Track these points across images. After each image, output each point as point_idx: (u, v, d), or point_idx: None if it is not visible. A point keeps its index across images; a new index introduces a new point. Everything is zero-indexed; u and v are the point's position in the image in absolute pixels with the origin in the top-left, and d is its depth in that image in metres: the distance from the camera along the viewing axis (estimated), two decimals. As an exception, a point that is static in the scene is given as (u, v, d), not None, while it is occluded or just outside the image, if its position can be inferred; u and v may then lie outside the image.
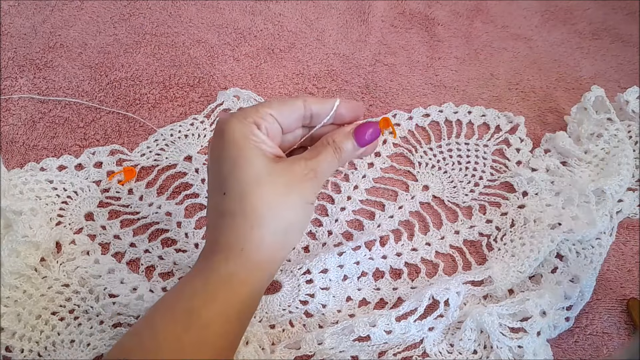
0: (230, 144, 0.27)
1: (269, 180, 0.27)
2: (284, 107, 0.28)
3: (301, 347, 0.33)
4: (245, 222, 0.26)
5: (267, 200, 0.26)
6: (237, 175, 0.27)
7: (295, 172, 0.27)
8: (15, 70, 0.50)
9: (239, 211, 0.26)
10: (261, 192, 0.26)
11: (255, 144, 0.27)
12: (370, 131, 0.30)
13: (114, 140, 0.45)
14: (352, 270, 0.37)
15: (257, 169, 0.27)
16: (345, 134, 0.29)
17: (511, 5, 0.59)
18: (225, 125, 0.27)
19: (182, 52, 0.52)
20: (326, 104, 0.30)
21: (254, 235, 0.26)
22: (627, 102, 0.45)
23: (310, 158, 0.28)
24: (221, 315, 0.25)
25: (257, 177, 0.26)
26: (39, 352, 0.34)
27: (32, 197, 0.39)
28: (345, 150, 0.29)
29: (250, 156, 0.27)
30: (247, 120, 0.27)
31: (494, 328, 0.34)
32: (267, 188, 0.26)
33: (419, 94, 0.50)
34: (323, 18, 0.56)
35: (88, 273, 0.36)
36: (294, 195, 0.27)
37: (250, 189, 0.26)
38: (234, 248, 0.26)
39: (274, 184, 0.27)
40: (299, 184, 0.27)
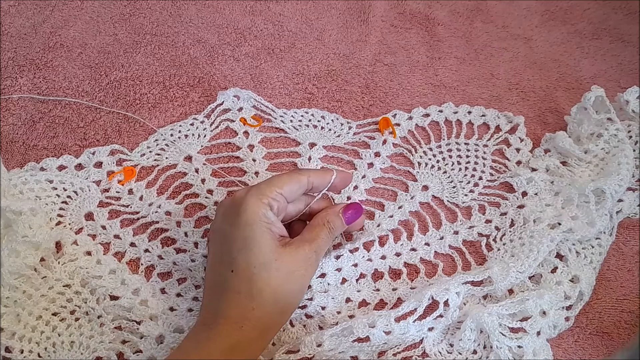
0: (244, 224, 0.30)
1: (275, 266, 0.30)
2: (292, 185, 0.32)
3: (300, 350, 0.33)
4: (250, 302, 0.29)
5: (272, 285, 0.29)
6: (246, 257, 0.30)
7: (299, 259, 0.31)
8: (15, 70, 0.50)
9: (245, 291, 0.29)
10: (268, 277, 0.29)
11: (266, 226, 0.30)
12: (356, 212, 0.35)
13: (114, 140, 0.45)
14: (350, 272, 0.37)
15: (265, 254, 0.30)
16: (336, 216, 0.34)
17: (511, 5, 0.59)
18: (242, 202, 0.31)
19: (182, 52, 0.52)
20: (326, 178, 0.34)
21: (254, 316, 0.29)
22: (627, 102, 0.45)
23: (311, 241, 0.32)
24: None
25: (265, 262, 0.29)
26: (38, 353, 0.34)
27: (32, 197, 0.39)
28: (336, 227, 0.34)
29: (261, 239, 0.30)
30: (262, 201, 0.31)
31: (493, 328, 0.34)
32: (274, 273, 0.29)
33: (418, 94, 0.50)
34: (323, 18, 0.56)
35: (89, 274, 0.36)
36: (296, 279, 0.31)
37: (258, 273, 0.29)
38: (236, 325, 0.29)
39: (280, 271, 0.30)
40: (304, 270, 0.31)
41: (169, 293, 0.37)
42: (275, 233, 0.31)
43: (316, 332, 0.34)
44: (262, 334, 0.30)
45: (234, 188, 0.42)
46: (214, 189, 0.42)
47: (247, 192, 0.31)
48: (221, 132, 0.46)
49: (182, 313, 0.36)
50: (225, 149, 0.45)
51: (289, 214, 0.35)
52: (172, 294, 0.37)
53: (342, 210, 0.35)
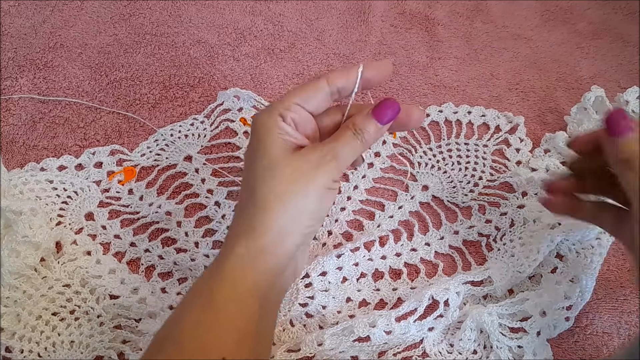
0: (253, 137, 0.29)
1: (279, 170, 0.28)
2: (307, 92, 0.29)
3: (301, 349, 0.33)
4: (255, 210, 0.28)
5: (276, 190, 0.27)
6: (253, 167, 0.28)
7: (309, 159, 0.28)
8: (16, 71, 0.50)
9: (250, 201, 0.28)
10: (271, 182, 0.28)
11: (279, 135, 0.28)
12: (389, 107, 0.30)
13: (114, 141, 0.45)
14: (351, 272, 0.37)
15: (271, 160, 0.28)
16: (364, 116, 0.29)
17: (511, 5, 0.59)
18: (254, 121, 0.29)
19: (182, 52, 0.52)
20: (350, 75, 0.29)
21: (259, 221, 0.27)
22: (627, 102, 0.45)
23: (328, 142, 0.29)
24: (233, 295, 0.27)
25: (269, 168, 0.28)
26: (38, 353, 0.34)
27: (32, 197, 0.39)
28: (368, 131, 0.29)
29: (268, 148, 0.28)
30: (272, 113, 0.28)
31: (493, 328, 0.34)
32: (277, 178, 0.27)
33: (418, 94, 0.50)
34: (323, 18, 0.56)
35: (89, 273, 0.36)
36: (304, 182, 0.28)
37: (262, 180, 0.28)
38: (242, 234, 0.28)
39: (284, 173, 0.27)
40: (312, 170, 0.28)
41: (169, 292, 0.37)
42: (289, 142, 0.28)
43: (317, 332, 0.34)
44: (277, 239, 0.28)
45: (234, 188, 0.42)
46: (214, 189, 0.42)
47: (260, 110, 0.30)
48: (221, 132, 0.46)
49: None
50: (225, 149, 0.45)
51: (326, 127, 0.31)
52: (172, 293, 0.37)
53: (371, 110, 0.30)
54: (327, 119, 0.31)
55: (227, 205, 0.41)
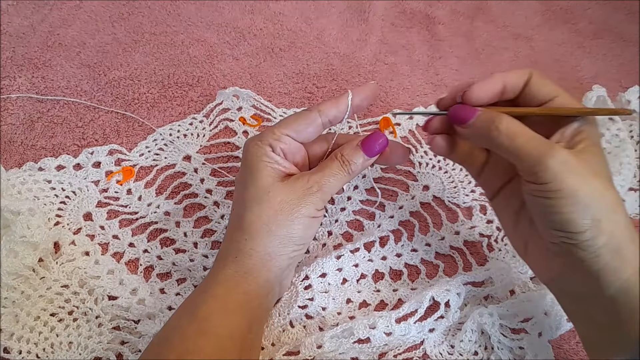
0: (244, 166, 0.31)
1: (267, 198, 0.30)
2: (299, 124, 0.31)
3: (300, 352, 0.32)
4: (242, 235, 0.30)
5: (262, 217, 0.30)
6: (242, 194, 0.30)
7: (295, 189, 0.30)
8: (14, 70, 0.49)
9: (237, 225, 0.30)
10: (259, 209, 0.30)
11: (268, 164, 0.30)
12: (377, 141, 0.31)
13: (112, 140, 0.45)
14: (350, 273, 0.37)
15: (258, 189, 0.30)
16: (353, 148, 0.31)
17: (512, 5, 0.58)
18: (244, 149, 0.31)
19: (181, 51, 0.52)
20: (340, 105, 0.31)
21: (246, 245, 0.30)
22: (628, 102, 0.45)
23: (314, 172, 0.31)
24: (220, 309, 0.28)
25: (257, 196, 0.30)
26: (37, 354, 0.34)
27: (30, 197, 0.39)
28: (355, 162, 0.31)
29: (256, 176, 0.30)
30: (262, 143, 0.30)
31: (494, 329, 0.34)
32: (265, 205, 0.30)
33: (419, 94, 0.49)
34: (323, 17, 0.56)
35: (87, 274, 0.36)
36: (289, 211, 0.30)
37: (250, 206, 0.30)
38: (230, 256, 0.30)
39: (271, 202, 0.30)
40: (297, 199, 0.30)
41: (168, 293, 0.37)
42: (278, 170, 0.30)
43: (316, 334, 0.33)
44: (260, 263, 0.30)
45: (234, 188, 0.42)
46: (213, 189, 0.42)
47: (250, 138, 0.31)
48: (220, 131, 0.45)
49: (181, 313, 0.36)
50: (224, 149, 0.44)
51: (315, 155, 0.33)
52: (171, 294, 0.37)
53: (360, 141, 0.31)
54: (317, 147, 0.33)
55: (226, 206, 0.41)
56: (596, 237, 0.26)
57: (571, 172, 0.26)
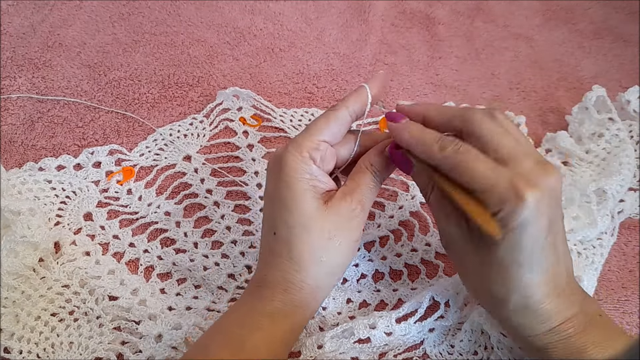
0: (283, 184, 0.28)
1: (315, 226, 0.28)
2: (331, 126, 0.29)
3: (302, 353, 0.32)
4: (291, 265, 0.28)
5: (312, 246, 0.28)
6: (286, 218, 0.28)
7: (341, 213, 0.28)
8: (14, 70, 0.49)
9: (285, 254, 0.28)
10: (308, 238, 0.28)
11: (308, 183, 0.28)
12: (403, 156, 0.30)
13: (112, 140, 0.45)
14: (351, 272, 0.37)
15: (305, 214, 0.28)
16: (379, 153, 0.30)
17: (512, 5, 0.58)
18: (282, 160, 0.28)
19: (181, 52, 0.52)
20: (363, 98, 0.30)
21: (297, 278, 0.28)
22: (628, 102, 0.45)
23: (352, 191, 0.29)
24: (266, 343, 0.27)
25: (304, 223, 0.28)
26: (37, 354, 0.34)
27: (31, 197, 0.39)
28: (381, 168, 0.30)
29: (300, 199, 0.28)
30: (302, 155, 0.28)
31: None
32: (313, 234, 0.28)
33: (419, 94, 0.50)
34: (323, 17, 0.56)
35: (88, 274, 0.36)
36: (339, 238, 0.28)
37: (298, 234, 0.28)
38: (279, 287, 0.28)
39: (320, 230, 0.28)
40: (345, 224, 0.28)
41: (169, 293, 0.37)
42: (319, 188, 0.29)
43: (317, 334, 0.33)
44: (310, 295, 0.29)
45: (234, 188, 0.42)
46: (213, 189, 0.42)
47: (285, 147, 0.29)
48: (220, 131, 0.45)
49: (181, 311, 0.36)
50: (224, 149, 0.44)
51: (342, 158, 0.31)
52: (171, 294, 0.37)
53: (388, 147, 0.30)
54: (343, 150, 0.31)
55: (227, 206, 0.41)
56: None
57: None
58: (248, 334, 0.27)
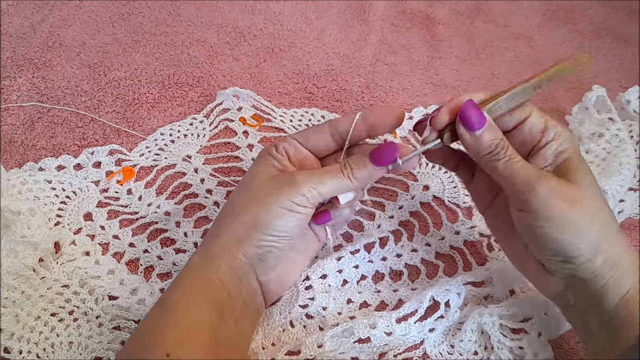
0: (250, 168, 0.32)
1: (249, 187, 0.31)
2: (308, 132, 0.32)
3: (301, 352, 0.32)
4: (216, 222, 0.31)
5: (235, 202, 0.31)
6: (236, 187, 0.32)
7: (277, 179, 0.30)
8: (14, 70, 0.49)
9: (219, 213, 0.32)
10: (238, 197, 0.31)
11: (267, 161, 0.31)
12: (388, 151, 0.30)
13: (112, 140, 0.45)
14: (351, 274, 0.37)
15: (247, 179, 0.31)
16: (360, 155, 0.31)
17: (512, 5, 0.58)
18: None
19: (181, 52, 0.52)
20: (350, 120, 0.31)
21: (215, 231, 0.31)
22: (628, 102, 0.45)
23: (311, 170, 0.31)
24: (184, 297, 0.29)
25: (244, 184, 0.31)
26: (37, 354, 0.34)
27: (31, 197, 0.39)
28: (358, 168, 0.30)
29: (252, 169, 0.31)
30: (270, 145, 0.32)
31: (494, 329, 0.34)
32: (244, 193, 0.31)
33: (419, 94, 0.50)
34: (323, 17, 0.56)
35: (88, 274, 0.36)
36: (260, 197, 0.30)
37: (234, 193, 0.31)
38: (200, 246, 0.31)
39: (251, 189, 0.30)
40: (275, 188, 0.30)
41: (168, 293, 0.37)
42: (275, 166, 0.31)
43: (317, 333, 0.33)
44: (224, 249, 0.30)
45: (234, 188, 0.42)
46: (213, 189, 0.42)
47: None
48: (220, 131, 0.45)
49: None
50: (224, 149, 0.44)
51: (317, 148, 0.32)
52: (171, 295, 0.37)
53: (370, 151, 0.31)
54: (331, 160, 0.33)
55: (227, 206, 0.41)
56: (593, 259, 0.27)
57: (560, 197, 0.26)
58: (169, 291, 0.29)
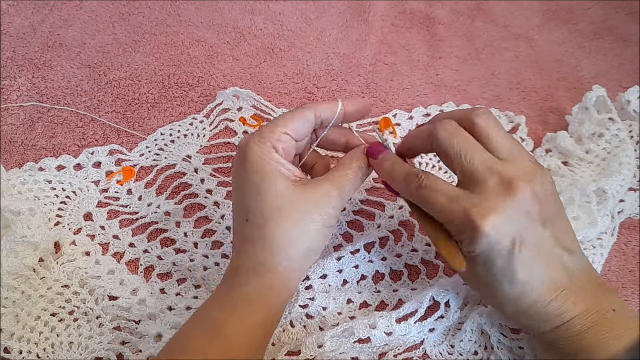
0: (252, 171, 0.29)
1: (289, 208, 0.28)
2: (296, 122, 0.30)
3: (301, 352, 0.32)
4: (264, 249, 0.28)
5: (286, 229, 0.28)
6: (259, 203, 0.28)
7: (316, 196, 0.29)
8: (14, 70, 0.49)
9: (258, 239, 0.28)
10: (281, 220, 0.28)
11: (275, 167, 0.29)
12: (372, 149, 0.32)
13: (112, 140, 0.45)
14: (351, 274, 0.37)
15: (277, 196, 0.28)
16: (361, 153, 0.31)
17: (512, 5, 0.58)
18: (245, 149, 0.29)
19: (181, 52, 0.52)
20: (333, 108, 0.31)
21: (271, 261, 0.28)
22: (628, 102, 0.45)
23: (334, 178, 0.30)
24: (242, 328, 0.27)
25: (278, 206, 0.28)
26: (37, 354, 0.34)
27: (31, 197, 0.39)
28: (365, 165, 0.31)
29: (272, 183, 0.28)
30: (265, 144, 0.29)
31: (494, 329, 0.34)
32: (286, 217, 0.28)
33: (419, 94, 0.50)
34: (323, 17, 0.56)
35: (88, 274, 0.36)
36: (313, 222, 0.28)
37: (271, 218, 0.28)
38: (252, 272, 0.28)
39: (293, 212, 0.28)
40: (320, 209, 0.29)
41: (169, 293, 0.37)
42: (286, 174, 0.29)
43: (317, 333, 0.33)
44: (284, 277, 0.28)
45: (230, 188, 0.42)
46: (213, 189, 0.42)
47: (248, 137, 0.30)
48: (220, 131, 0.45)
49: (181, 311, 0.36)
50: (224, 149, 0.44)
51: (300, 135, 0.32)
52: (171, 294, 0.37)
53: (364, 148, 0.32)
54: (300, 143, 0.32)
55: (227, 206, 0.41)
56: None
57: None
58: (225, 320, 0.27)
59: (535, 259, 0.27)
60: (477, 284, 0.30)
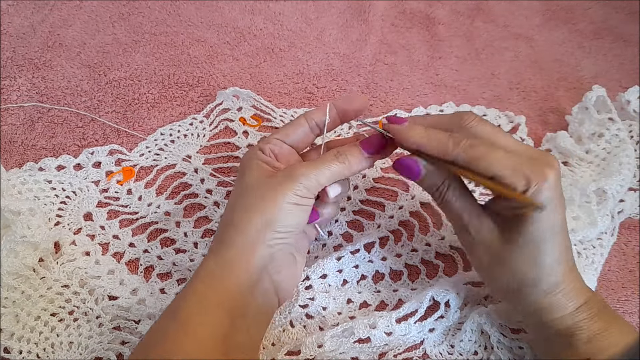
0: (239, 170, 0.32)
1: (250, 190, 0.30)
2: (287, 129, 0.33)
3: (301, 352, 0.32)
4: (224, 227, 0.30)
5: (243, 207, 0.30)
6: (233, 192, 0.32)
7: (277, 176, 0.30)
8: (14, 70, 0.49)
9: (223, 222, 0.31)
10: (242, 201, 0.30)
11: (257, 164, 0.31)
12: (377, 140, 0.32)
13: (112, 140, 0.45)
14: (351, 274, 0.37)
15: (246, 183, 0.31)
16: (350, 144, 0.32)
17: (512, 5, 0.58)
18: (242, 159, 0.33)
19: (181, 52, 0.52)
20: (324, 109, 0.33)
21: (226, 236, 0.30)
22: (628, 102, 0.45)
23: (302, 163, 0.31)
24: (199, 306, 0.28)
25: (242, 189, 0.31)
26: (37, 354, 0.34)
27: (31, 197, 0.39)
28: (349, 156, 0.31)
29: (247, 174, 0.31)
30: (255, 148, 0.32)
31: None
32: (247, 196, 0.30)
33: (419, 94, 0.50)
34: (323, 17, 0.56)
35: (88, 274, 0.36)
36: (268, 196, 0.30)
37: (234, 200, 0.31)
38: (213, 251, 0.30)
39: (254, 191, 0.30)
40: (278, 185, 0.30)
41: (169, 293, 0.37)
42: (266, 168, 0.31)
43: (317, 333, 0.33)
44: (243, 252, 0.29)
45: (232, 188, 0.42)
46: (213, 189, 0.42)
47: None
48: (220, 131, 0.45)
49: (182, 313, 0.36)
50: (224, 149, 0.44)
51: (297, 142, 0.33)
52: (171, 294, 0.37)
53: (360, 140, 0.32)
54: (314, 154, 0.34)
55: (227, 206, 0.41)
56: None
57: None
58: (183, 300, 0.28)
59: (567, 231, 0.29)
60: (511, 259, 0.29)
